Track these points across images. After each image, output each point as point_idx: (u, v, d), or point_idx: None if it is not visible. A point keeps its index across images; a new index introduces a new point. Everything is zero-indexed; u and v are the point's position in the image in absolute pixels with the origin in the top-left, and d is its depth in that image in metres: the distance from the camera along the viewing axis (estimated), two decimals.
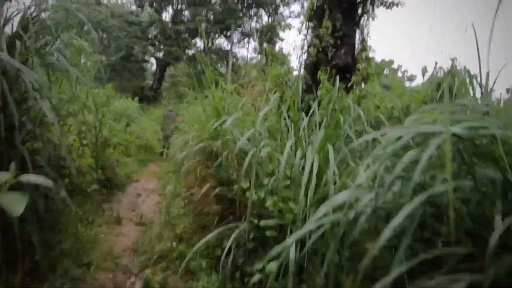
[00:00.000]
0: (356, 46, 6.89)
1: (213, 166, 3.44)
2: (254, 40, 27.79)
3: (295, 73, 7.36)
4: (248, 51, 31.80)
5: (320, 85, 5.42)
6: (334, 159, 2.20)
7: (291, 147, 2.69)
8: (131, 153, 8.39)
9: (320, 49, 6.51)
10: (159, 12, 22.73)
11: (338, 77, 6.13)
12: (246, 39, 26.23)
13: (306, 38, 7.35)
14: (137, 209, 5.43)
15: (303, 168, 2.34)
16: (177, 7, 22.67)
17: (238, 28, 23.66)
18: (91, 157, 4.72)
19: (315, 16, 6.72)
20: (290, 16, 27.10)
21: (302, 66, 7.52)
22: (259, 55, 29.91)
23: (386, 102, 4.83)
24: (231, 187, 3.21)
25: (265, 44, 28.52)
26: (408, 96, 4.59)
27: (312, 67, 6.62)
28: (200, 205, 3.70)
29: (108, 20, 24.92)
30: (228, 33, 24.78)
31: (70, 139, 4.25)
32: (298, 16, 28.30)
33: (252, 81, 7.84)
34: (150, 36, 22.48)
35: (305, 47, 7.29)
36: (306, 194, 2.12)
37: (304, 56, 7.25)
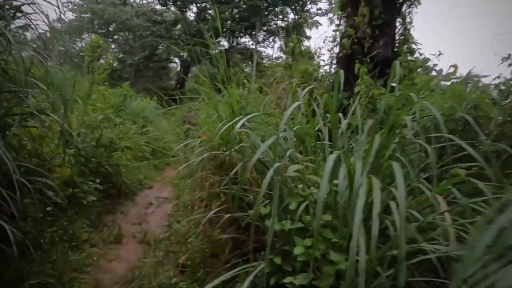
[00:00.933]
0: (397, 37, 6.01)
1: (225, 180, 2.70)
2: (279, 40, 27.01)
3: (326, 68, 6.52)
4: (273, 50, 31.09)
5: (359, 80, 4.59)
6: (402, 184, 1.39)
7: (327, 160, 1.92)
8: (147, 156, 7.79)
9: (355, 40, 5.66)
10: (183, 10, 22.29)
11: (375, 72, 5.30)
12: (271, 38, 25.44)
13: (338, 29, 6.53)
14: (144, 222, 4.76)
15: (350, 195, 1.56)
16: (201, 5, 22.16)
17: (263, 27, 22.88)
18: (85, 164, 4.08)
19: (350, 2, 5.87)
20: (317, 14, 26.15)
21: (333, 61, 6.71)
22: (285, 54, 29.06)
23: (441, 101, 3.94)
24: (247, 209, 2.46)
25: (290, 44, 27.68)
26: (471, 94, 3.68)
27: (345, 61, 5.79)
28: (210, 228, 2.96)
29: (133, 20, 24.77)
30: (253, 32, 24.10)
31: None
32: (325, 14, 27.34)
33: (277, 78, 7.04)
34: (174, 35, 22.07)
35: (338, 39, 6.48)
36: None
37: (337, 49, 6.44)
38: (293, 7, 24.26)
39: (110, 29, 26.63)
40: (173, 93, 22.44)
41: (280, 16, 24.87)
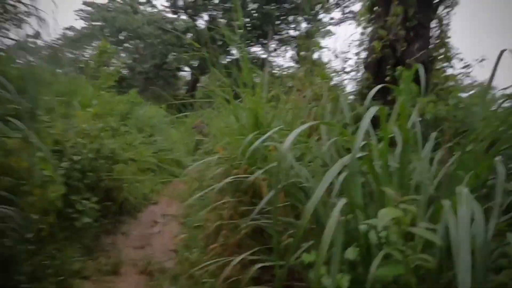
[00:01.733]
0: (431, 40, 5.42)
1: (251, 211, 2.10)
2: (291, 49, 26.58)
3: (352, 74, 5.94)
4: (285, 59, 30.72)
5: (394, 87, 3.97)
6: None
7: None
8: (153, 168, 7.24)
9: (388, 43, 5.07)
10: (194, 19, 21.99)
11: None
12: (283, 47, 25.00)
13: (364, 32, 5.98)
14: (147, 246, 4.18)
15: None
16: (212, 13, 21.85)
17: (275, 35, 22.46)
18: (80, 179, 3.52)
19: (381, 1, 5.29)
20: (330, 24, 25.71)
21: (359, 66, 6.12)
22: (297, 64, 28.61)
23: None
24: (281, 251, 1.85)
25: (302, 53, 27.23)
26: None
27: (375, 66, 5.19)
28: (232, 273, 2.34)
29: (144, 28, 24.56)
30: (265, 41, 23.70)
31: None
32: (339, 23, 26.88)
33: (296, 85, 6.46)
34: (184, 44, 21.74)
35: (364, 43, 5.91)
36: None
37: (362, 55, 5.86)
38: (305, 16, 23.86)
39: (121, 37, 26.50)
40: (183, 101, 21.73)
41: (293, 25, 24.49)
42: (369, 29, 5.70)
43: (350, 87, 6.04)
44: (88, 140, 3.95)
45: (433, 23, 5.38)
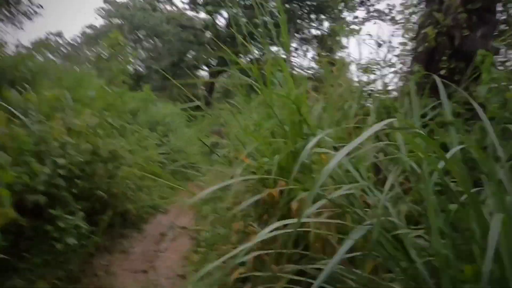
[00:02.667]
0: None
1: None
2: (312, 49, 25.69)
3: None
4: (306, 59, 29.87)
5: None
6: None
7: None
8: (159, 174, 6.54)
9: (443, 29, 4.22)
10: (213, 16, 21.36)
11: None
12: (304, 47, 24.14)
13: (408, 20, 5.17)
14: (151, 269, 3.44)
15: None
16: (232, 11, 21.17)
17: (296, 34, 21.62)
18: (67, 188, 2.80)
19: None
20: (353, 23, 24.71)
21: (404, 60, 5.28)
22: (319, 64, 27.56)
23: None
24: None
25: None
26: None
27: (427, 57, 4.34)
28: None
29: (162, 26, 24.11)
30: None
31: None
32: (363, 22, 25.78)
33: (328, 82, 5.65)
34: (203, 41, 21.14)
35: (409, 31, 5.10)
36: None
37: (408, 46, 5.03)
38: (328, 14, 22.94)
39: (139, 35, 26.15)
40: (200, 101, 21.06)
41: (314, 24, 23.60)
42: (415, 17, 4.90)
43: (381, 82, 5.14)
44: (81, 139, 3.24)
45: (498, 6, 4.51)
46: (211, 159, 10.05)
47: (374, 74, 4.61)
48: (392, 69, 5.02)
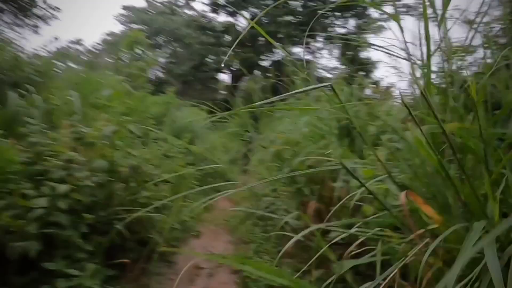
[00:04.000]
0: None
1: None
2: (338, 48, 24.56)
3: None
4: (331, 59, 28.75)
5: None
6: None
7: None
8: (192, 184, 5.70)
9: None
10: (234, 16, 20.61)
11: None
12: (329, 46, 23.05)
13: None
14: None
15: None
16: (254, 11, 20.35)
17: (320, 33, 20.57)
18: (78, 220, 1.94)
19: None
20: (379, 20, 23.50)
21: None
22: (344, 65, 26.45)
23: None
24: None
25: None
26: None
27: None
28: None
29: (182, 29, 23.54)
30: (310, 39, 21.88)
31: None
32: (390, 19, 24.34)
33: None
34: (224, 43, 20.39)
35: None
36: None
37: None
38: (353, 12, 21.83)
39: (159, 40, 25.67)
40: (222, 105, 20.21)
41: (338, 22, 22.50)
42: None
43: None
44: (94, 152, 2.40)
45: None
46: (242, 167, 9.22)
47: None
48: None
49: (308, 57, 23.84)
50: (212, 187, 5.73)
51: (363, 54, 24.81)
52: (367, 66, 25.40)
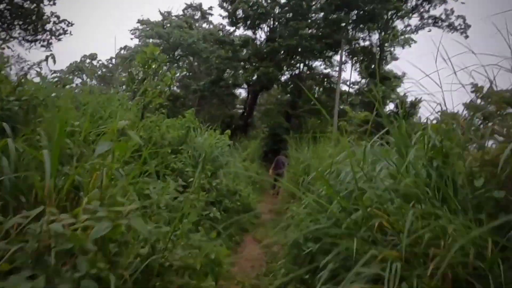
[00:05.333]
0: None
1: None
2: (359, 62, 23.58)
3: None
4: (352, 73, 27.80)
5: None
6: None
7: None
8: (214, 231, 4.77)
9: None
10: (253, 30, 19.92)
11: None
12: (354, 59, 22.08)
13: None
14: None
15: None
16: (273, 24, 19.62)
17: (345, 46, 19.66)
18: None
19: None
20: (405, 31, 22.49)
21: None
22: (365, 79, 25.38)
23: None
24: None
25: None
26: None
27: None
28: None
29: (199, 44, 22.98)
30: (330, 53, 21.01)
31: None
32: (416, 31, 23.44)
33: None
34: (242, 58, 19.64)
35: None
36: None
37: None
38: (378, 23, 20.86)
39: (176, 54, 25.18)
40: (239, 122, 19.19)
41: (361, 35, 21.54)
42: None
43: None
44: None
45: None
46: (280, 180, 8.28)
47: None
48: None
49: (328, 70, 22.96)
50: (238, 225, 4.70)
51: (388, 68, 23.80)
52: (390, 80, 24.33)
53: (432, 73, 2.31)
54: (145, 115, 6.14)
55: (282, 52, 19.01)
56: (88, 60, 28.42)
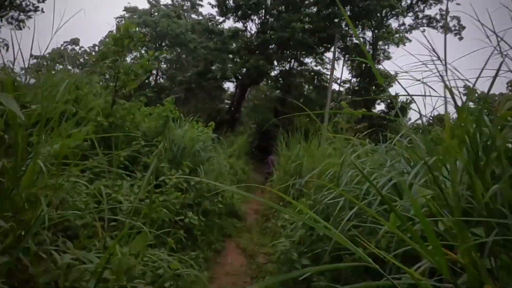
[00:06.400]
0: None
1: None
2: (352, 58, 22.99)
3: None
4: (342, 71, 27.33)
5: None
6: None
7: None
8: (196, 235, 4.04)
9: None
10: (244, 22, 19.05)
11: None
12: (345, 57, 21.50)
13: None
14: None
15: None
16: (265, 16, 18.80)
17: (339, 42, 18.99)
18: None
19: None
20: (399, 30, 21.98)
21: None
22: (355, 78, 24.79)
23: None
24: None
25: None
26: None
27: None
28: None
29: (187, 34, 22.04)
30: (322, 49, 20.35)
31: None
32: (409, 30, 22.95)
33: None
34: (231, 49, 18.76)
35: None
36: None
37: None
38: (370, 21, 20.28)
39: (163, 45, 24.14)
40: (226, 116, 18.21)
41: (356, 30, 20.87)
42: None
43: None
44: None
45: None
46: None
47: None
48: None
49: (319, 68, 22.28)
50: (219, 229, 3.94)
51: (381, 67, 23.24)
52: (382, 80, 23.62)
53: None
54: (117, 102, 5.34)
55: (273, 45, 18.25)
56: (70, 47, 27.16)
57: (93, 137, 2.64)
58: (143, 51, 5.62)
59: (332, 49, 19.82)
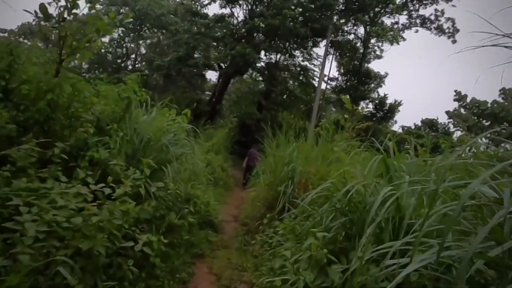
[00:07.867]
0: None
1: None
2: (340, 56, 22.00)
3: None
4: (330, 68, 26.21)
5: None
6: None
7: None
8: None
9: None
10: (231, 6, 17.61)
11: None
12: (335, 52, 20.46)
13: None
14: None
15: None
16: (254, 2, 17.45)
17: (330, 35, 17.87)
18: None
19: None
20: (391, 30, 21.08)
21: None
22: (342, 76, 23.77)
23: None
24: None
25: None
26: None
27: None
28: None
29: (169, 17, 20.47)
30: (311, 43, 19.22)
31: None
32: (402, 30, 22.07)
33: None
34: (216, 36, 17.32)
35: None
36: None
37: None
38: (366, 16, 19.25)
39: (143, 26, 22.45)
40: (206, 108, 16.59)
41: (347, 28, 19.88)
42: None
43: None
44: None
45: None
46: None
47: None
48: None
49: (306, 63, 21.13)
50: (188, 248, 2.77)
51: (370, 66, 22.35)
52: (372, 80, 22.92)
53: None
54: (63, 73, 4.04)
55: (261, 34, 16.97)
56: (42, 23, 24.97)
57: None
58: (103, 14, 4.26)
59: (322, 43, 18.80)
